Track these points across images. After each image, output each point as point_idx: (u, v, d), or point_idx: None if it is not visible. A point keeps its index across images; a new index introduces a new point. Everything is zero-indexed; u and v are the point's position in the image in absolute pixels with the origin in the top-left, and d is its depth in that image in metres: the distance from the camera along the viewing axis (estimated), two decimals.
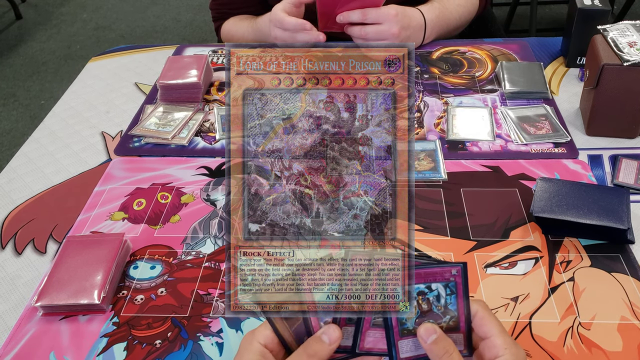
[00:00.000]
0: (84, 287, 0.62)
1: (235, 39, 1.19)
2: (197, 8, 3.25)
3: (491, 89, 0.94)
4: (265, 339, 0.46)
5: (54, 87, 2.65)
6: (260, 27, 1.11)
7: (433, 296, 0.48)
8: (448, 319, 0.48)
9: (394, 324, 0.48)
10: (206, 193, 0.77)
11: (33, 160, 0.87)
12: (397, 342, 0.48)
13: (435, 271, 0.48)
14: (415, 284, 0.48)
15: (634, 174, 0.75)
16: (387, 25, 0.94)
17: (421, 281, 0.48)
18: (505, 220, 0.70)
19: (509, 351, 0.44)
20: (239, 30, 1.17)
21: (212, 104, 0.95)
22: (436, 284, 0.48)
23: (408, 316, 0.47)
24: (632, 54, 0.76)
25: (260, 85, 0.93)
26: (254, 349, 0.46)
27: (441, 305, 0.48)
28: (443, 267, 0.48)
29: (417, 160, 0.80)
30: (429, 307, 0.48)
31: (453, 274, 0.48)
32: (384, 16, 0.94)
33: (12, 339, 0.60)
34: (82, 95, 1.02)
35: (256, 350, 0.46)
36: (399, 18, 0.94)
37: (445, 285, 0.48)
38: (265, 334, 0.47)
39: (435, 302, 0.48)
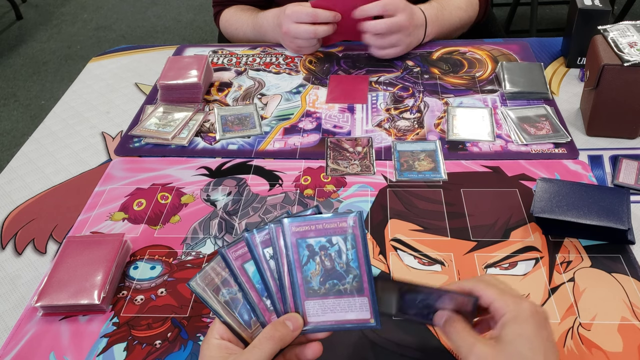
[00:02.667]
0: (84, 287, 0.62)
1: (233, 28, 1.18)
2: (198, 8, 3.25)
3: (491, 89, 0.94)
4: (219, 332, 0.47)
5: (54, 87, 2.65)
6: (260, 23, 1.10)
7: (334, 252, 0.47)
8: (351, 278, 0.47)
9: (300, 282, 0.47)
10: (206, 193, 0.77)
11: (33, 161, 0.87)
12: (304, 302, 0.47)
13: (332, 221, 0.47)
14: (315, 237, 0.47)
15: (634, 174, 0.75)
16: (402, 16, 0.95)
17: (321, 234, 0.47)
18: (505, 221, 0.70)
19: (510, 307, 0.45)
20: (238, 20, 1.16)
21: (212, 104, 0.95)
22: (336, 237, 0.47)
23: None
24: (632, 54, 0.76)
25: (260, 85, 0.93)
26: (212, 345, 0.47)
27: (343, 262, 0.47)
28: (340, 217, 0.47)
29: (417, 160, 0.80)
30: (332, 265, 0.47)
31: (351, 225, 0.47)
32: (397, 8, 0.94)
33: (12, 339, 0.60)
34: (83, 95, 1.02)
35: (214, 346, 0.46)
36: (408, 11, 0.95)
37: (344, 239, 0.47)
38: (217, 328, 0.47)
39: (337, 259, 0.47)
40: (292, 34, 1.00)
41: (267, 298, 0.48)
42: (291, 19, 0.98)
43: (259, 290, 0.48)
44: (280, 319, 0.47)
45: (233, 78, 1.02)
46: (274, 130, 0.88)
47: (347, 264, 0.47)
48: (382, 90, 0.96)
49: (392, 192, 0.75)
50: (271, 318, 0.48)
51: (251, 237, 0.47)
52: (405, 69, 1.01)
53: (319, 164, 0.81)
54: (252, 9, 1.17)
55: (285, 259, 0.47)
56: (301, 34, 0.99)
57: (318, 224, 0.47)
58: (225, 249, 0.48)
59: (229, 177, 0.80)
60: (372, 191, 0.76)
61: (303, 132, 0.88)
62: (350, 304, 0.47)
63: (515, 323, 0.44)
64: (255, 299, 0.48)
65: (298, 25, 0.99)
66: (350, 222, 0.47)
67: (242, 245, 0.48)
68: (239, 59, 1.08)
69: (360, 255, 0.47)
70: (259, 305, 0.48)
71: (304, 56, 1.07)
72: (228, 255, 0.48)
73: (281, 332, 0.46)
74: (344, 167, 0.80)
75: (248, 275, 0.48)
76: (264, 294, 0.48)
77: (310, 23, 0.98)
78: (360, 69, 1.02)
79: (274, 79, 1.01)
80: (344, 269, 0.47)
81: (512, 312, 0.44)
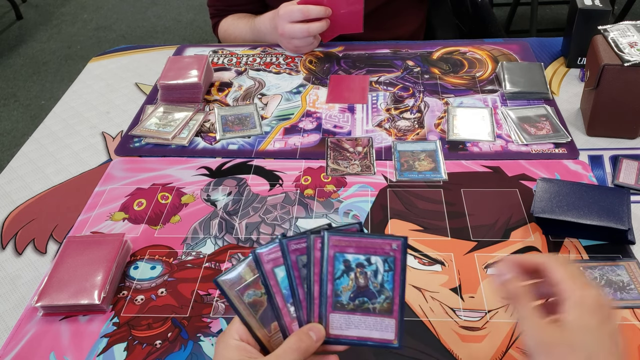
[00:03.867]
0: (84, 287, 0.62)
1: (232, 37, 1.19)
2: (198, 8, 3.25)
3: (491, 89, 0.94)
4: (239, 332, 0.47)
5: (54, 87, 2.65)
6: (258, 27, 1.11)
7: (371, 271, 0.47)
8: (382, 299, 0.47)
9: (329, 294, 0.47)
10: (206, 193, 0.77)
11: (33, 161, 0.87)
12: (329, 314, 0.47)
13: (375, 242, 0.47)
14: (354, 254, 0.47)
15: (634, 174, 0.75)
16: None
17: (361, 252, 0.47)
18: (505, 221, 0.70)
19: (574, 293, 0.44)
20: (236, 29, 1.17)
21: (212, 104, 0.95)
22: (375, 257, 0.47)
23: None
24: (632, 54, 0.76)
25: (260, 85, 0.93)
26: (230, 345, 0.46)
27: (377, 282, 0.47)
28: (384, 239, 0.47)
29: (417, 160, 0.80)
30: (365, 283, 0.47)
31: (393, 249, 0.46)
32: None
33: (13, 339, 0.60)
34: (83, 95, 1.02)
35: (233, 347, 0.46)
36: None
37: (384, 260, 0.47)
38: (236, 328, 0.47)
39: (372, 278, 0.47)
40: (287, 34, 1.01)
41: (291, 305, 0.48)
42: (285, 19, 0.99)
43: (285, 295, 0.48)
44: (304, 329, 0.47)
45: (233, 78, 1.02)
46: (274, 130, 0.88)
47: (381, 284, 0.47)
48: (382, 90, 0.96)
49: (392, 192, 0.75)
50: (292, 325, 0.48)
51: (287, 243, 0.48)
52: (405, 69, 1.01)
53: (319, 164, 0.81)
54: (248, 16, 1.17)
55: (318, 269, 0.47)
56: (296, 33, 1.00)
57: (360, 241, 0.47)
58: (258, 252, 0.48)
59: (229, 177, 0.80)
60: (373, 191, 0.76)
61: (303, 132, 0.88)
62: (377, 323, 0.47)
63: (580, 311, 0.43)
64: (280, 303, 0.48)
65: (292, 25, 0.99)
66: (394, 245, 0.47)
67: (275, 250, 0.48)
68: (239, 59, 1.08)
69: (397, 278, 0.47)
70: (282, 310, 0.48)
71: (304, 56, 1.07)
72: (261, 258, 0.48)
73: (306, 343, 0.46)
74: (344, 167, 0.80)
75: (277, 280, 0.48)
76: (289, 300, 0.48)
77: (303, 21, 0.98)
78: (361, 69, 1.02)
79: (274, 79, 1.01)
80: (377, 289, 0.47)
81: (578, 299, 0.43)
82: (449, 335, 0.58)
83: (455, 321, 0.59)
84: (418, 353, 0.56)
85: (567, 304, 0.43)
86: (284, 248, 0.47)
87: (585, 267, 0.63)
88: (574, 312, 0.43)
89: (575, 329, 0.42)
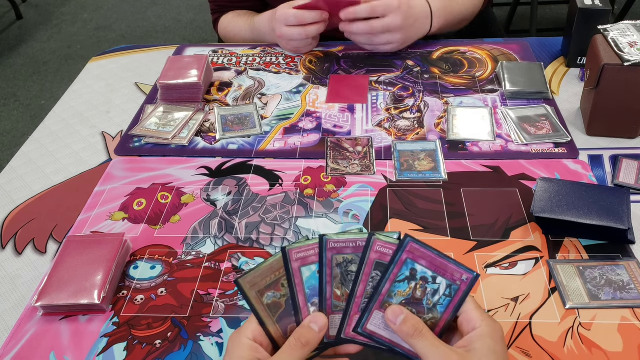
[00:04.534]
0: (84, 287, 0.62)
1: (232, 35, 1.19)
2: (198, 8, 3.25)
3: (491, 89, 0.94)
4: (253, 333, 0.47)
5: (54, 87, 2.65)
6: (258, 27, 1.11)
7: (431, 288, 0.47)
8: (429, 317, 0.47)
9: (383, 292, 0.47)
10: (206, 193, 0.77)
11: (33, 160, 0.87)
12: (374, 310, 0.48)
13: (448, 266, 0.47)
14: (424, 267, 0.47)
15: (634, 174, 0.75)
16: (391, 17, 0.94)
17: (432, 268, 0.47)
18: (505, 221, 0.70)
19: (485, 323, 0.45)
20: (236, 26, 1.17)
21: (212, 104, 0.95)
22: (442, 279, 0.47)
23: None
24: (632, 54, 0.76)
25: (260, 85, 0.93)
26: (243, 344, 0.46)
27: (432, 301, 0.47)
28: (458, 267, 0.47)
29: (417, 160, 0.80)
30: (421, 296, 0.47)
31: (462, 279, 0.47)
32: (388, 8, 0.94)
33: (12, 339, 0.60)
34: (83, 95, 1.02)
35: (245, 346, 0.46)
36: (403, 9, 0.95)
37: (448, 285, 0.47)
38: (252, 328, 0.47)
39: (430, 296, 0.47)
40: (285, 37, 1.01)
41: (312, 305, 0.48)
42: (281, 22, 0.99)
43: (307, 295, 0.48)
44: (305, 322, 0.47)
45: (233, 78, 1.02)
46: (274, 130, 0.88)
47: (434, 304, 0.47)
48: (382, 90, 0.96)
49: (392, 192, 0.75)
50: None
51: (327, 240, 0.48)
52: (405, 69, 1.01)
53: (319, 164, 0.81)
54: (249, 13, 1.17)
55: (369, 270, 0.48)
56: (294, 36, 1.00)
57: (435, 259, 0.48)
58: (288, 249, 0.48)
59: (229, 176, 0.80)
60: (372, 191, 0.76)
61: (303, 131, 0.88)
62: None
63: (491, 339, 0.44)
64: (301, 302, 0.48)
65: (289, 28, 0.99)
66: (465, 277, 0.47)
67: (305, 249, 0.48)
68: (239, 59, 1.08)
69: (451, 306, 0.47)
70: (302, 309, 0.48)
71: (304, 56, 1.07)
72: (290, 255, 0.48)
73: (306, 336, 0.46)
74: (344, 167, 0.80)
75: (302, 278, 0.48)
76: (310, 300, 0.48)
77: (300, 25, 0.98)
78: (361, 69, 1.02)
79: (274, 78, 1.01)
80: (429, 306, 0.47)
81: (489, 328, 0.45)
82: None
83: None
84: None
85: (476, 333, 0.45)
86: (323, 245, 0.48)
87: (585, 266, 0.63)
88: (485, 340, 0.44)
89: (484, 356, 0.44)
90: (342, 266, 0.48)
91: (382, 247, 0.48)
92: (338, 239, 0.48)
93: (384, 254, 0.48)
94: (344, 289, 0.48)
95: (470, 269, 0.47)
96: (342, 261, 0.48)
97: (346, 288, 0.48)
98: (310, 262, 0.48)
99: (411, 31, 1.00)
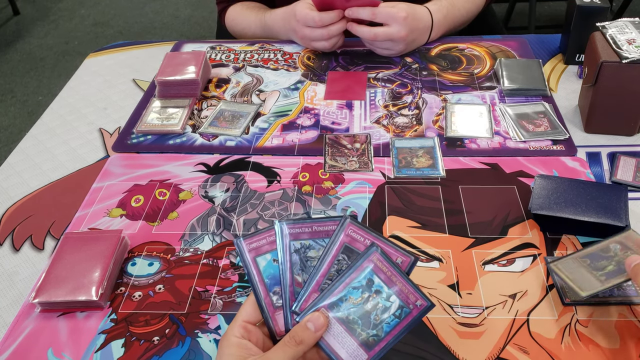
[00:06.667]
0: (81, 283, 0.61)
1: (240, 28, 1.17)
2: (196, 4, 3.24)
3: (490, 86, 0.94)
4: (239, 330, 0.47)
5: (51, 83, 2.64)
6: (269, 24, 1.09)
7: (383, 305, 0.46)
8: (372, 333, 0.46)
9: (335, 292, 0.47)
10: (204, 190, 0.77)
11: (31, 157, 0.86)
12: (322, 306, 0.47)
13: (407, 287, 0.46)
14: (382, 281, 0.46)
15: (632, 171, 0.75)
16: (396, 27, 0.95)
17: (389, 285, 0.46)
18: (503, 218, 0.70)
19: None
20: (245, 20, 1.15)
21: (210, 100, 0.95)
22: (396, 298, 0.46)
23: None
24: (630, 51, 0.76)
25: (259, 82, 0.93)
26: (231, 343, 0.47)
27: (380, 318, 0.46)
28: (416, 291, 0.46)
29: (415, 157, 0.80)
30: (370, 309, 0.47)
31: (415, 304, 0.46)
32: (393, 18, 0.94)
33: (10, 336, 0.60)
34: (80, 91, 1.02)
35: (233, 344, 0.47)
36: (408, 21, 0.95)
37: (401, 307, 0.46)
38: (237, 326, 0.47)
39: (379, 312, 0.46)
40: (307, 38, 1.00)
41: (274, 294, 0.48)
42: (302, 24, 0.98)
43: (267, 285, 0.48)
44: (302, 322, 0.47)
45: (231, 74, 1.02)
46: (272, 127, 0.88)
47: (381, 322, 0.46)
48: (380, 87, 0.96)
49: (390, 189, 0.75)
50: (275, 314, 0.48)
51: (282, 227, 0.48)
52: (403, 66, 1.01)
53: (317, 161, 0.81)
54: (258, 6, 1.16)
55: (336, 252, 0.47)
56: (316, 37, 0.99)
57: (395, 276, 0.46)
58: (241, 240, 0.48)
59: (227, 173, 0.80)
60: (370, 188, 0.76)
61: (301, 128, 0.88)
62: (351, 346, 0.46)
63: None
64: (262, 293, 0.48)
65: (312, 30, 0.98)
66: (419, 302, 0.46)
67: (256, 239, 0.48)
68: (237, 55, 1.07)
69: (397, 328, 0.46)
70: (265, 300, 0.48)
71: (302, 52, 1.07)
72: (242, 246, 0.48)
73: (301, 335, 0.46)
74: (342, 164, 0.80)
75: (259, 269, 0.48)
76: (271, 289, 0.48)
77: (321, 27, 0.98)
78: (359, 66, 1.02)
79: (272, 75, 1.01)
80: (375, 322, 0.46)
81: None
82: (446, 332, 0.58)
83: (453, 318, 0.59)
84: (415, 349, 0.56)
85: None
86: (280, 231, 0.47)
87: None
88: None
89: None
90: (300, 252, 0.48)
91: (354, 232, 0.47)
92: (294, 225, 0.48)
93: (354, 239, 0.47)
94: (304, 275, 0.48)
95: (427, 298, 0.46)
96: (300, 247, 0.48)
97: (306, 274, 0.48)
98: (265, 252, 0.48)
99: (413, 44, 1.01)
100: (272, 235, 0.48)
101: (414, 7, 0.97)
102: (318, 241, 0.48)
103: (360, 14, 0.94)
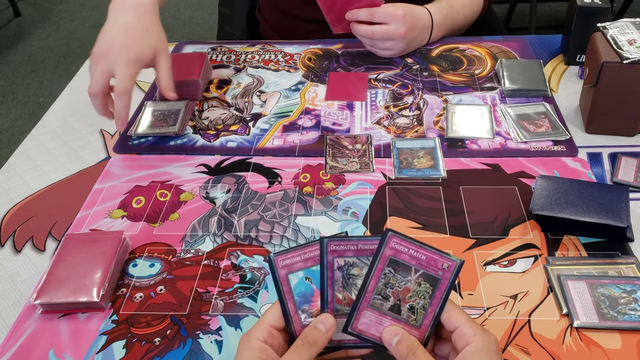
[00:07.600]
0: (83, 284, 0.61)
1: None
2: (196, 5, 3.24)
3: (490, 86, 0.94)
4: (264, 334, 0.47)
5: (52, 84, 2.64)
6: None
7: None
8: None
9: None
10: (205, 191, 0.77)
11: (32, 158, 0.86)
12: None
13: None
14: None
15: (633, 171, 0.75)
16: (395, 25, 0.95)
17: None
18: (504, 218, 0.70)
19: (478, 337, 0.45)
20: None
21: (211, 102, 0.95)
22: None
23: None
24: (631, 51, 0.76)
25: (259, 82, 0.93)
26: (253, 346, 0.46)
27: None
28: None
29: (416, 158, 0.80)
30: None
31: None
32: (391, 17, 0.94)
33: (11, 337, 0.60)
34: (81, 92, 1.02)
35: (255, 347, 0.46)
36: (406, 19, 0.95)
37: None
38: (262, 330, 0.47)
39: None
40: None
41: (302, 312, 0.48)
42: None
43: (296, 302, 0.48)
44: (312, 323, 0.47)
45: (232, 75, 1.02)
46: (273, 128, 0.88)
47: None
48: (381, 88, 0.96)
49: (391, 190, 0.75)
50: (302, 332, 0.48)
51: (327, 243, 0.48)
52: (404, 66, 1.01)
53: (318, 162, 0.81)
54: None
55: (382, 265, 0.48)
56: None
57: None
58: (273, 257, 0.48)
59: (228, 174, 0.80)
60: (371, 189, 0.76)
61: (302, 129, 0.88)
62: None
63: (485, 354, 0.44)
64: (291, 310, 0.48)
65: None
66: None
67: (290, 256, 0.48)
68: (238, 56, 1.07)
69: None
70: (293, 317, 0.48)
71: (303, 53, 1.07)
72: (275, 263, 0.48)
73: (313, 336, 0.46)
74: (343, 165, 0.80)
75: (290, 286, 0.48)
76: (300, 307, 0.48)
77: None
78: (360, 67, 1.02)
79: (273, 76, 1.01)
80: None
81: (482, 343, 0.44)
82: None
83: None
84: None
85: (469, 349, 0.44)
86: (324, 247, 0.48)
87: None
88: (478, 356, 0.44)
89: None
90: (344, 269, 0.48)
91: (397, 244, 0.48)
92: (339, 242, 0.48)
93: (398, 251, 0.48)
94: (345, 292, 0.48)
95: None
96: (344, 264, 0.48)
97: (348, 292, 0.48)
98: (297, 269, 0.48)
99: (413, 43, 1.01)
100: (306, 253, 0.49)
101: (412, 6, 0.97)
102: (362, 259, 0.48)
103: (359, 15, 0.95)
